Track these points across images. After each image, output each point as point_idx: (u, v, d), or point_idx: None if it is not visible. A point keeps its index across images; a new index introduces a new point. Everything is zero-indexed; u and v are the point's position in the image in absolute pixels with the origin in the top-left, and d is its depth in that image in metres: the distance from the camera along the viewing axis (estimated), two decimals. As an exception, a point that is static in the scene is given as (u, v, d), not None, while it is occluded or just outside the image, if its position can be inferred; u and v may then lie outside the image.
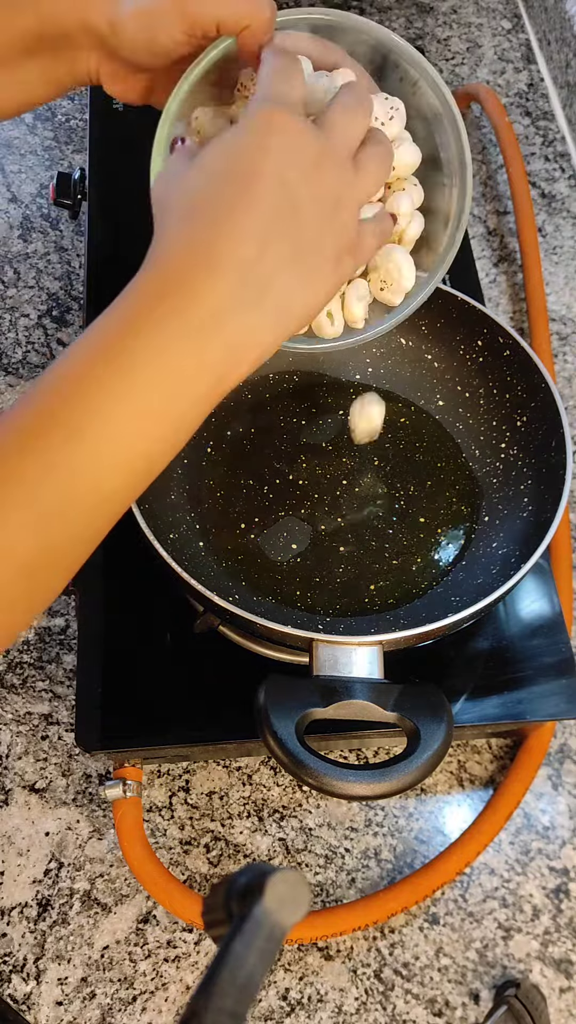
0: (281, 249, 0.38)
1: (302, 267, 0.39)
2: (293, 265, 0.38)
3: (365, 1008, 0.56)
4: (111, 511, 0.37)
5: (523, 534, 0.57)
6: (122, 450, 0.36)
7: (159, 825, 0.61)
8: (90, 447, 0.35)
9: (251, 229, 0.38)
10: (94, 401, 0.35)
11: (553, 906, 0.59)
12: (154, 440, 0.36)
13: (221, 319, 0.37)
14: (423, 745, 0.45)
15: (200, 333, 0.36)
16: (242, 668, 0.57)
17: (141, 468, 0.37)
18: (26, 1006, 0.56)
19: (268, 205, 0.38)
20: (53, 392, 0.35)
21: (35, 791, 0.61)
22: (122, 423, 0.35)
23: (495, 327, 0.62)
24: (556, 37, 0.95)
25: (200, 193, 0.39)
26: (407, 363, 0.67)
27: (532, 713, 0.57)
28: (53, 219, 0.86)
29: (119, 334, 0.36)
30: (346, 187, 0.40)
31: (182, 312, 0.36)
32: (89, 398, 0.35)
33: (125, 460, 0.36)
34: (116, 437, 0.35)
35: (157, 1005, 0.56)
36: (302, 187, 0.38)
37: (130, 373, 0.35)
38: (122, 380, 0.35)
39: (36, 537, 0.35)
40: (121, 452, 0.36)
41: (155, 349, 0.36)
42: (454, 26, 1.02)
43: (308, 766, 0.44)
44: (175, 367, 0.36)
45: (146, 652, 0.59)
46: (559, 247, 0.86)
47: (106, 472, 0.35)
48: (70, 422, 0.35)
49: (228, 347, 0.37)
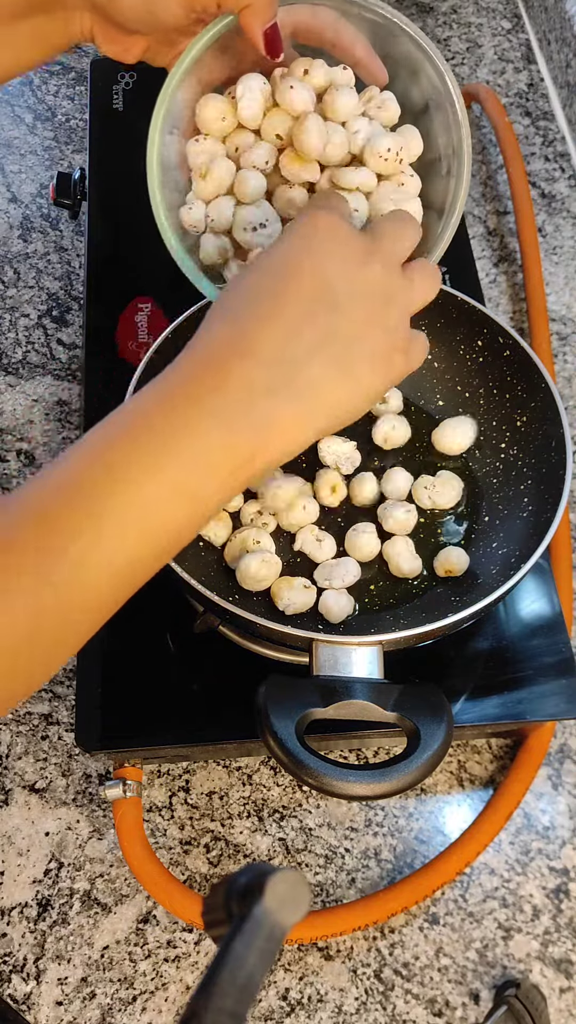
0: (315, 337, 0.38)
1: (339, 358, 0.39)
2: (328, 355, 0.39)
3: (365, 1008, 0.56)
4: (130, 582, 0.37)
5: (523, 534, 0.57)
6: (147, 523, 0.36)
7: (159, 825, 0.61)
8: (117, 518, 0.35)
9: (287, 318, 0.38)
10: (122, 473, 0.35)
11: (553, 906, 0.59)
12: (179, 516, 0.36)
13: (251, 400, 0.37)
14: (423, 745, 0.45)
15: (229, 412, 0.36)
16: (242, 668, 0.57)
17: (164, 542, 0.37)
18: (26, 1006, 0.56)
19: (306, 297, 0.39)
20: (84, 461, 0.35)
21: (35, 791, 0.61)
22: (149, 497, 0.35)
23: (495, 327, 0.62)
24: (556, 37, 0.95)
25: (247, 290, 0.40)
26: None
27: (532, 713, 0.57)
28: (53, 219, 0.86)
29: (152, 411, 0.37)
30: (396, 289, 0.41)
31: (213, 391, 0.37)
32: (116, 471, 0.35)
33: (150, 532, 0.36)
34: (143, 510, 0.35)
35: (157, 1005, 0.56)
36: (343, 282, 0.39)
37: (161, 448, 0.36)
38: (152, 455, 0.35)
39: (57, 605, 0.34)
40: (146, 525, 0.36)
41: (185, 426, 0.36)
42: (454, 26, 1.02)
43: (308, 766, 0.44)
44: (203, 445, 0.36)
45: (146, 652, 0.59)
46: (559, 247, 0.86)
47: (131, 543, 0.35)
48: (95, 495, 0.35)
49: (256, 428, 0.37)
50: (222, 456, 0.37)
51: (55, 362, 0.78)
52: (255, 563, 0.55)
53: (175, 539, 0.37)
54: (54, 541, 0.34)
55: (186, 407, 0.36)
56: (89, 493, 0.35)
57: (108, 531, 0.34)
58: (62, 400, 0.77)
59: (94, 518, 0.34)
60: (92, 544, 0.34)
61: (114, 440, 0.36)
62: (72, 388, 0.77)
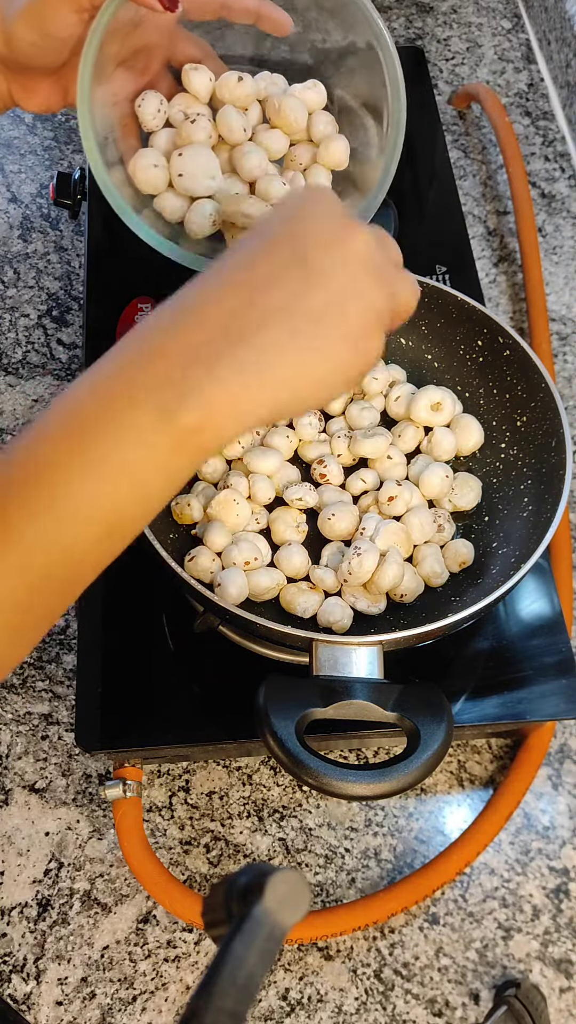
0: (271, 306, 0.36)
1: (301, 329, 0.36)
2: (287, 325, 0.36)
3: (365, 1008, 0.56)
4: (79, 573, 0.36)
5: (523, 534, 0.57)
6: (96, 508, 0.34)
7: (159, 825, 0.61)
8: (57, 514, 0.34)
9: (247, 281, 0.36)
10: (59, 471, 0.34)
11: (553, 906, 0.59)
12: (122, 497, 0.35)
13: (184, 373, 0.34)
14: (423, 745, 0.45)
15: (160, 387, 0.34)
16: (242, 668, 0.57)
17: (115, 526, 0.35)
18: (26, 1006, 0.56)
19: (273, 263, 0.36)
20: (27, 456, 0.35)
21: (35, 791, 0.61)
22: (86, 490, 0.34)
23: (495, 327, 0.62)
24: (556, 37, 0.95)
25: (222, 260, 0.38)
26: (407, 363, 0.67)
27: (532, 713, 0.57)
28: (53, 219, 0.86)
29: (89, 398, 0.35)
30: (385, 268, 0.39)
31: (144, 367, 0.35)
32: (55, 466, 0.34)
33: (100, 517, 0.34)
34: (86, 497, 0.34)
35: (157, 1005, 0.56)
36: (321, 251, 0.37)
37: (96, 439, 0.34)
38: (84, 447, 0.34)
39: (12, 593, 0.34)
40: (95, 509, 0.34)
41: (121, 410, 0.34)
42: (454, 26, 1.02)
43: (308, 766, 0.44)
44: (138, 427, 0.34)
45: (146, 652, 0.59)
46: (559, 247, 0.86)
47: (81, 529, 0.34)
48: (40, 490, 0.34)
49: (194, 402, 0.34)
50: (156, 433, 0.34)
51: (55, 362, 0.78)
52: (266, 579, 0.56)
53: (123, 521, 0.35)
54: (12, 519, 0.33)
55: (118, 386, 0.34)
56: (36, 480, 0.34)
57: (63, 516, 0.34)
58: (62, 400, 0.77)
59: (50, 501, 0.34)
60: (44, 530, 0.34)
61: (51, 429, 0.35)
62: (72, 388, 0.77)
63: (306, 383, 0.37)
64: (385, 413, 0.65)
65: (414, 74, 0.90)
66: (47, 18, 0.45)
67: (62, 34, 0.46)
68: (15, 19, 0.45)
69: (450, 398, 0.63)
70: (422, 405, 0.62)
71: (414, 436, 0.62)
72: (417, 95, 0.88)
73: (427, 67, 0.91)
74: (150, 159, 0.53)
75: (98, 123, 0.51)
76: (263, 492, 0.59)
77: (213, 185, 0.53)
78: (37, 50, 0.47)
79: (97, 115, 0.50)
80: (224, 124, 0.53)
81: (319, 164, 0.57)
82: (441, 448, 0.62)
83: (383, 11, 1.02)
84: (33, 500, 0.34)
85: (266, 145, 0.55)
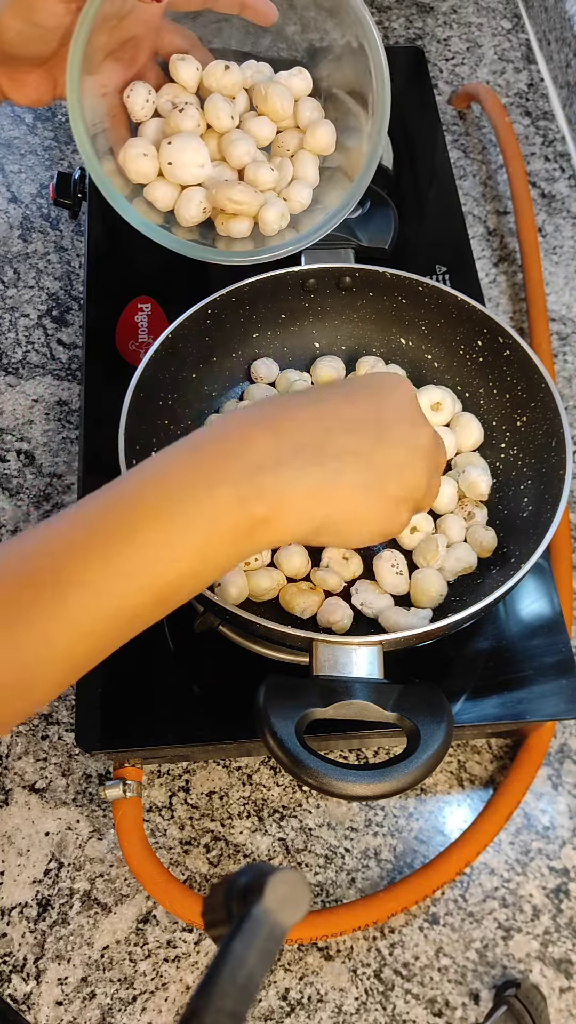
0: (354, 443, 0.41)
1: (364, 470, 0.41)
2: (356, 462, 0.41)
3: (365, 1008, 0.56)
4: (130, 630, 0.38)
5: (523, 534, 0.57)
6: (151, 577, 0.36)
7: (159, 825, 0.61)
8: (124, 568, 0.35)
9: (331, 419, 0.41)
10: (137, 526, 0.36)
11: (553, 906, 0.59)
12: (182, 570, 0.37)
13: (264, 470, 0.38)
14: (423, 745, 0.45)
15: (241, 479, 0.37)
16: (242, 668, 0.57)
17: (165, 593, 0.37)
18: (26, 1006, 0.56)
19: (355, 416, 0.42)
20: (100, 511, 0.37)
21: (35, 791, 0.61)
22: (155, 554, 0.36)
23: (495, 327, 0.62)
24: (556, 37, 0.95)
25: (312, 392, 0.43)
26: (407, 363, 0.67)
27: (532, 713, 0.57)
28: (53, 219, 0.86)
29: (170, 472, 0.38)
30: (433, 459, 0.45)
31: (229, 458, 0.38)
32: (130, 524, 0.36)
33: (152, 586, 0.36)
34: (149, 564, 0.36)
35: (157, 1005, 0.56)
36: (396, 425, 0.43)
37: (175, 509, 0.36)
38: (166, 515, 0.36)
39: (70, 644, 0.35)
40: (149, 580, 0.36)
41: (198, 489, 0.37)
42: (454, 26, 1.02)
43: (308, 766, 0.44)
44: (212, 508, 0.37)
45: (146, 652, 0.59)
46: (559, 247, 0.86)
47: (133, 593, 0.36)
48: (109, 542, 0.35)
49: (267, 498, 0.38)
50: (230, 521, 0.37)
51: (55, 362, 0.78)
52: (266, 580, 0.56)
53: (177, 590, 0.38)
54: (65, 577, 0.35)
55: (202, 471, 0.37)
56: (104, 540, 0.35)
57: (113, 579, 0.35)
58: (62, 400, 0.77)
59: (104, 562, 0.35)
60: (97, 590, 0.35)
61: (131, 496, 0.37)
62: (72, 388, 0.77)
63: (353, 516, 0.41)
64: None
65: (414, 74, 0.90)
66: (35, 8, 0.46)
67: (50, 24, 0.46)
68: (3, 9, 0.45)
69: (450, 398, 0.63)
70: (422, 405, 0.62)
71: None
72: (417, 95, 0.88)
73: (427, 67, 0.91)
74: (139, 148, 0.53)
75: (88, 114, 0.51)
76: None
77: (202, 173, 0.54)
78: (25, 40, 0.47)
79: (87, 107, 0.51)
80: (212, 112, 0.53)
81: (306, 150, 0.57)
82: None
83: (383, 11, 1.02)
84: (108, 549, 0.35)
85: (254, 133, 0.55)
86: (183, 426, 0.64)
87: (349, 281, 0.65)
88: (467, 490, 0.61)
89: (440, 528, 0.60)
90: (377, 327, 0.68)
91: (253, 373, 0.66)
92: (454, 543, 0.59)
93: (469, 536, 0.59)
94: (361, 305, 0.67)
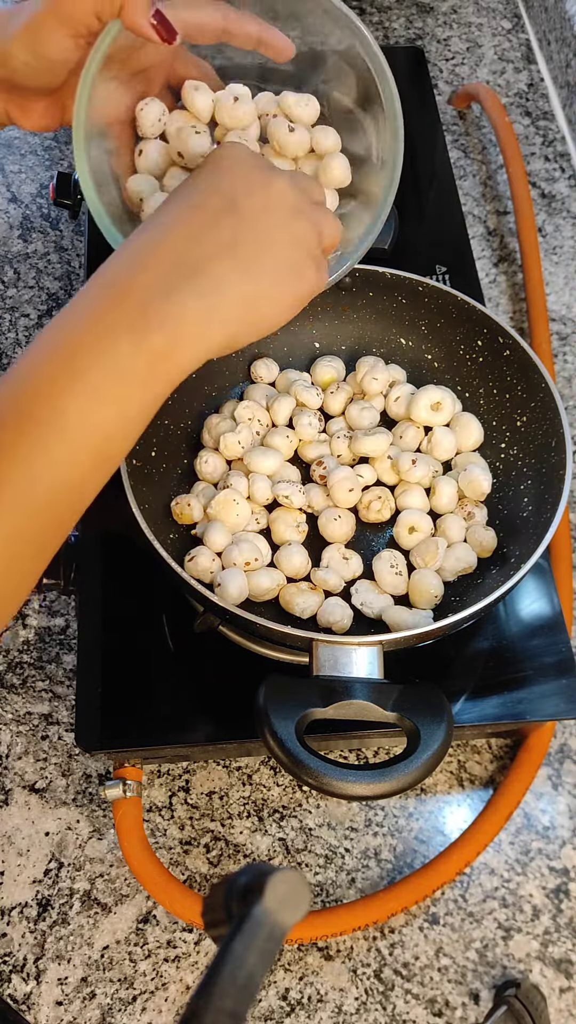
0: (216, 243, 0.40)
1: (243, 263, 0.41)
2: (232, 259, 0.40)
3: (365, 1008, 0.56)
4: (75, 499, 0.39)
5: (523, 534, 0.57)
6: (87, 432, 0.38)
7: (159, 825, 0.61)
8: (54, 437, 0.37)
9: (187, 227, 0.40)
10: (53, 400, 0.37)
11: (553, 906, 0.59)
12: (112, 423, 0.38)
13: (150, 303, 0.38)
14: (423, 745, 0.45)
15: (130, 319, 0.38)
16: (242, 668, 0.57)
17: (103, 450, 0.39)
18: (26, 1006, 0.56)
19: (210, 210, 0.41)
20: (18, 390, 0.38)
21: (35, 791, 0.61)
22: (77, 414, 0.37)
23: (495, 327, 0.62)
24: (556, 37, 0.95)
25: (153, 218, 0.42)
26: (407, 363, 0.67)
27: (532, 713, 0.57)
28: (53, 219, 0.86)
29: (69, 334, 0.39)
30: (304, 204, 0.44)
31: (114, 307, 0.39)
32: (47, 396, 0.37)
33: (90, 442, 0.38)
34: (73, 428, 0.37)
35: (157, 1005, 0.56)
36: (247, 196, 0.42)
37: (81, 368, 0.37)
38: (73, 376, 0.37)
39: (7, 523, 0.37)
40: (86, 434, 0.38)
41: (99, 341, 0.38)
42: (454, 26, 1.02)
43: (308, 766, 0.44)
44: (115, 354, 0.38)
45: (146, 652, 0.59)
46: (559, 247, 0.86)
47: (75, 455, 0.38)
48: (33, 417, 0.37)
49: (160, 328, 0.38)
50: (132, 360, 0.38)
51: (55, 362, 0.78)
52: (266, 580, 0.56)
53: (110, 445, 0.39)
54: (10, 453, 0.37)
55: (96, 326, 0.38)
56: (29, 417, 0.37)
57: (44, 452, 0.37)
58: (62, 400, 0.77)
59: (32, 439, 0.37)
60: (41, 451, 0.37)
61: (34, 368, 0.38)
62: (72, 388, 0.77)
63: (254, 312, 0.41)
64: (385, 413, 0.65)
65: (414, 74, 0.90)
66: (43, 41, 0.45)
67: (58, 57, 0.46)
68: (12, 39, 0.45)
69: (450, 398, 0.63)
70: (422, 405, 0.62)
71: (415, 437, 0.62)
72: (417, 95, 0.88)
73: (427, 67, 0.91)
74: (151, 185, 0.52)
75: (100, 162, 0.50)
76: (262, 492, 0.59)
77: None
78: (32, 71, 0.46)
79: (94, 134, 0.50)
80: None
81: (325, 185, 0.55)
82: (441, 447, 0.62)
83: (383, 11, 1.02)
84: (28, 431, 0.37)
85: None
86: (183, 425, 0.64)
87: (349, 281, 0.65)
88: (467, 490, 0.61)
89: (440, 528, 0.60)
90: (377, 327, 0.68)
91: (253, 373, 0.66)
92: (454, 543, 0.59)
93: (469, 536, 0.59)
94: (361, 305, 0.67)
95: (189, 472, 0.62)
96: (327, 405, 0.65)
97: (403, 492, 0.61)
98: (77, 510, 0.40)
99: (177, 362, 0.39)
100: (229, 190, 0.42)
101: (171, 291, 0.39)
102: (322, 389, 0.65)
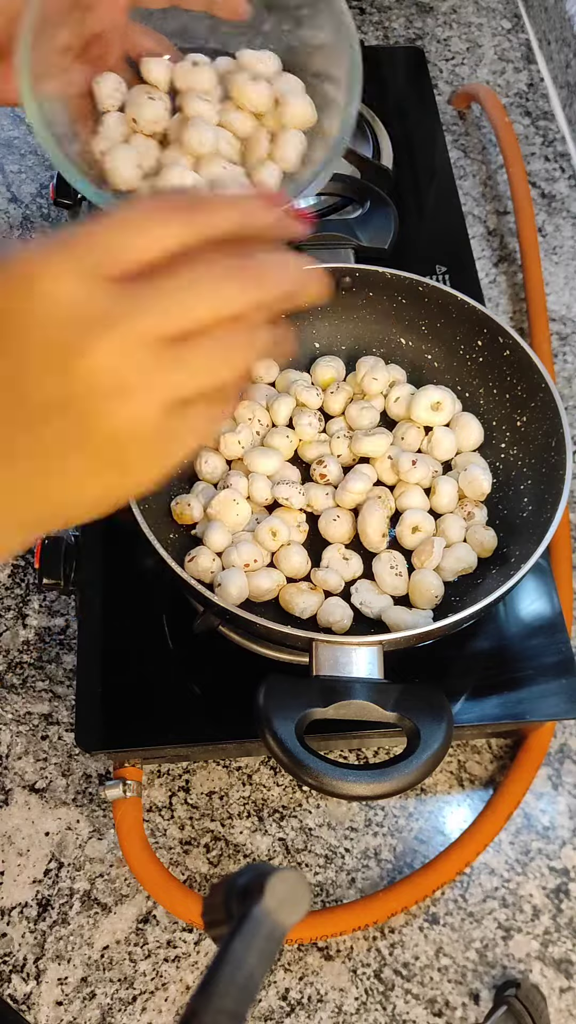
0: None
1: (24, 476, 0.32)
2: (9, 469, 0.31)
3: (365, 1008, 0.56)
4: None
5: (523, 534, 0.57)
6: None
7: (159, 825, 0.61)
8: None
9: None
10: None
11: (553, 906, 0.59)
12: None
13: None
14: (423, 745, 0.45)
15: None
16: (242, 668, 0.57)
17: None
18: (26, 1006, 0.56)
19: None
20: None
21: (35, 791, 0.61)
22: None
23: (495, 327, 0.62)
24: (556, 37, 0.95)
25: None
26: (407, 363, 0.67)
27: (532, 713, 0.57)
28: (53, 219, 0.86)
29: None
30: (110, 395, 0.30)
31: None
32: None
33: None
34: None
35: (157, 1005, 0.56)
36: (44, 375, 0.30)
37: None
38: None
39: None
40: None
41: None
42: (454, 26, 1.02)
43: (308, 766, 0.44)
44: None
45: (146, 652, 0.59)
46: (559, 247, 0.86)
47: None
48: None
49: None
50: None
51: (55, 362, 0.78)
52: (266, 580, 0.56)
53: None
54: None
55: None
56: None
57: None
58: (62, 400, 0.77)
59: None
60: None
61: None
62: (72, 388, 0.77)
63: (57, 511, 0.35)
64: (385, 413, 0.65)
65: (414, 74, 0.90)
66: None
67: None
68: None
69: (450, 398, 0.63)
70: (422, 405, 0.62)
71: (416, 437, 0.62)
72: (417, 95, 0.88)
73: (427, 67, 0.91)
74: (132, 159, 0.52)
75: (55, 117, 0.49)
76: (262, 492, 0.59)
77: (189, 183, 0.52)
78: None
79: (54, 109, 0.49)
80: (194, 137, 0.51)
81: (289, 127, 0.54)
82: (441, 447, 0.62)
83: (383, 11, 1.02)
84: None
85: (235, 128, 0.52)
86: (183, 426, 0.64)
87: (349, 281, 0.65)
88: (467, 490, 0.61)
89: (440, 528, 0.60)
90: (377, 327, 0.68)
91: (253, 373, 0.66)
92: (454, 543, 0.59)
93: (469, 536, 0.59)
94: (361, 305, 0.67)
95: (189, 472, 0.62)
96: (327, 405, 0.65)
97: (403, 492, 0.61)
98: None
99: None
100: (11, 350, 0.28)
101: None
102: (322, 389, 0.65)
